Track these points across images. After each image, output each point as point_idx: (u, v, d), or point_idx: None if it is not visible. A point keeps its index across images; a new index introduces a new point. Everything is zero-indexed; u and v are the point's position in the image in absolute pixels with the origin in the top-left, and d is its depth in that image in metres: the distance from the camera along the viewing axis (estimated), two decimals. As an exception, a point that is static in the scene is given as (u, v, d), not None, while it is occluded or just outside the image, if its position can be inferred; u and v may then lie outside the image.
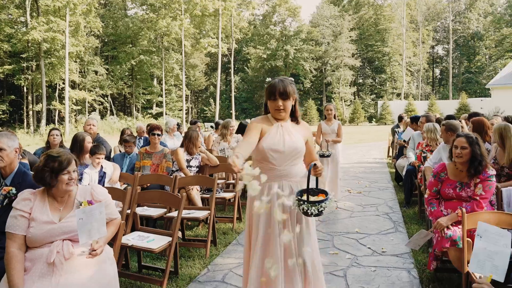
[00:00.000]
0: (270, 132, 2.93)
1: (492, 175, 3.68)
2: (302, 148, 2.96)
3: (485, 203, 3.66)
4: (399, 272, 4.23)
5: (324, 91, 54.57)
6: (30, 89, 39.89)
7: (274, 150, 2.88)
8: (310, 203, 2.65)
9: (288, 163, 2.92)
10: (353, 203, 7.32)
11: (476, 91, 52.31)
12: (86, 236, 2.70)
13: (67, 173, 2.79)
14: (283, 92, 2.89)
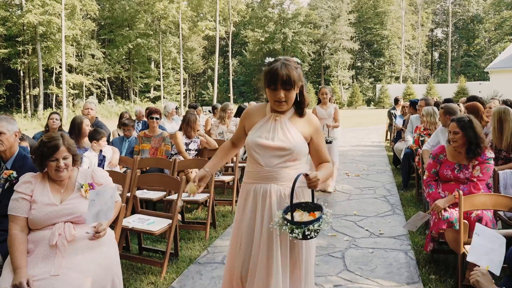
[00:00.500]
0: (260, 123, 2.51)
1: (491, 157, 3.70)
2: (299, 148, 2.44)
3: (482, 185, 3.69)
4: (396, 254, 4.29)
5: (323, 75, 54.37)
6: (26, 73, 39.63)
7: (259, 145, 2.44)
8: (295, 224, 2.18)
9: (279, 164, 2.44)
10: (351, 186, 7.37)
11: (475, 75, 52.20)
12: (93, 218, 2.72)
13: (55, 160, 2.77)
14: (287, 80, 2.32)
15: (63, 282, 2.47)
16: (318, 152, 2.55)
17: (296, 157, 2.45)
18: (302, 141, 2.46)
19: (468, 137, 3.69)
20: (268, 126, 2.48)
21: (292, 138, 2.43)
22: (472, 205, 3.36)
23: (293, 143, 2.42)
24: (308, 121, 2.53)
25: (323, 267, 4.00)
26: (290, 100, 2.41)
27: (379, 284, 3.62)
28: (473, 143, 3.69)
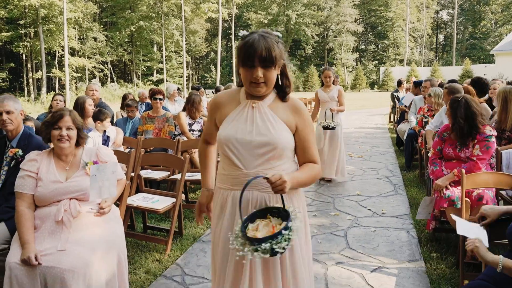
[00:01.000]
0: (233, 114, 2.03)
1: (491, 135, 3.69)
2: (285, 142, 1.97)
3: (482, 163, 3.69)
4: (398, 232, 4.33)
5: (326, 57, 53.93)
6: (29, 56, 39.49)
7: (235, 142, 1.96)
8: (249, 241, 1.75)
9: (261, 164, 1.96)
10: (354, 167, 7.39)
11: (480, 58, 51.68)
12: (96, 193, 2.76)
13: (58, 129, 2.81)
14: (267, 56, 1.88)
15: (69, 256, 2.51)
16: (304, 147, 2.04)
17: (281, 153, 1.97)
18: (287, 132, 1.99)
19: (451, 115, 3.75)
20: (244, 117, 1.99)
21: (275, 129, 1.95)
22: (474, 183, 3.38)
23: (277, 136, 1.94)
24: (293, 107, 2.04)
25: (325, 245, 4.04)
26: (269, 81, 1.93)
27: (381, 262, 3.66)
28: (453, 123, 3.74)
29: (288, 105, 2.05)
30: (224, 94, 2.15)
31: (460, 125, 3.68)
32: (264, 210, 1.92)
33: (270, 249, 1.69)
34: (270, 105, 2.02)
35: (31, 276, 2.48)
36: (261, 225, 1.85)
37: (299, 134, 2.02)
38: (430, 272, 3.43)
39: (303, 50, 52.10)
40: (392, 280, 3.33)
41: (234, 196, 2.00)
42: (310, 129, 2.06)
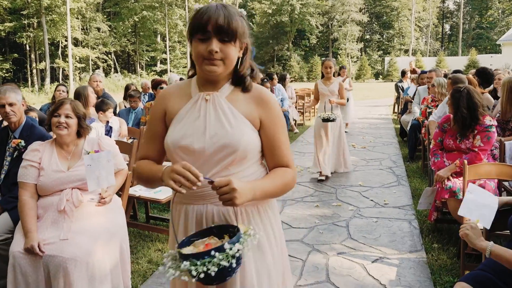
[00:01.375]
0: (183, 111, 1.62)
1: (491, 125, 3.66)
2: (247, 141, 1.56)
3: (484, 154, 3.67)
4: (400, 223, 4.34)
5: (331, 47, 53.63)
6: (32, 47, 39.51)
7: (186, 147, 1.56)
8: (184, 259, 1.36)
9: (217, 172, 1.55)
10: (357, 157, 7.39)
11: (486, 48, 51.23)
12: (94, 184, 2.77)
13: (57, 116, 2.82)
14: (225, 26, 1.49)
15: (71, 246, 2.53)
16: (272, 148, 1.63)
17: (243, 157, 1.57)
18: (251, 129, 1.59)
19: (453, 105, 3.73)
20: (196, 113, 1.59)
21: (233, 127, 1.55)
22: (477, 174, 3.36)
23: (236, 136, 1.54)
24: (257, 98, 1.63)
25: (327, 236, 4.06)
26: (228, 59, 1.53)
27: (382, 252, 3.67)
28: (455, 113, 3.71)
29: (251, 95, 1.63)
30: (173, 87, 1.74)
31: (463, 115, 3.66)
32: (224, 227, 1.53)
33: (189, 270, 1.31)
34: (228, 96, 1.61)
35: (34, 264, 2.51)
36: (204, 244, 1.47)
37: (266, 131, 1.62)
38: (431, 262, 3.43)
39: (308, 40, 51.79)
40: (393, 270, 3.34)
41: (186, 212, 1.62)
42: (280, 124, 1.65)
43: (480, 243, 2.04)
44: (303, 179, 6.05)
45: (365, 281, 3.18)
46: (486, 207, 2.30)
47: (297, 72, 46.50)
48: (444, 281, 3.13)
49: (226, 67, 1.55)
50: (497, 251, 1.96)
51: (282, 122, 1.68)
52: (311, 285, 3.14)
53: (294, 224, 4.36)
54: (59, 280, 2.46)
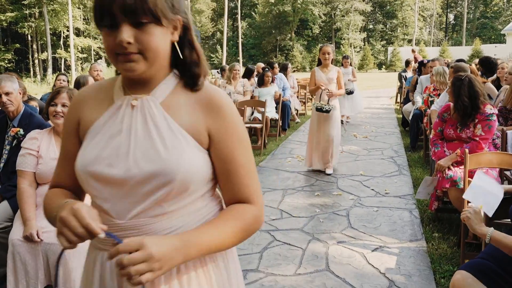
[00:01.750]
0: (100, 123, 1.14)
1: (492, 114, 3.63)
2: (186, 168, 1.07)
3: (485, 143, 3.64)
4: (401, 212, 4.33)
5: (333, 37, 53.29)
6: (34, 37, 39.43)
7: (99, 174, 1.09)
8: None
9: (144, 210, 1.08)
10: (359, 147, 7.37)
11: (490, 37, 50.81)
12: None
13: (54, 105, 2.81)
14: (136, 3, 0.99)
15: (71, 234, 2.53)
16: (228, 173, 1.15)
17: (183, 188, 1.08)
18: (194, 148, 1.10)
19: (453, 93, 3.69)
20: (117, 126, 1.12)
21: (168, 146, 1.07)
22: (478, 163, 3.34)
23: (173, 159, 1.06)
24: (204, 103, 1.14)
25: (327, 224, 4.05)
26: (149, 49, 1.04)
27: (382, 241, 3.67)
28: (456, 101, 3.66)
29: (197, 99, 1.14)
30: (91, 87, 1.25)
31: (464, 103, 3.61)
32: None
33: None
34: (165, 101, 1.13)
35: (33, 252, 2.52)
36: None
37: (218, 151, 1.13)
38: (431, 251, 3.43)
39: (310, 30, 51.48)
40: (392, 259, 3.34)
41: (103, 261, 1.13)
42: (239, 140, 1.15)
43: (481, 228, 2.03)
44: (305, 168, 6.03)
45: (364, 270, 3.18)
46: (492, 195, 2.28)
47: (299, 62, 46.33)
48: (444, 270, 3.12)
49: (149, 62, 1.05)
50: (497, 237, 1.95)
51: (242, 136, 1.16)
52: (310, 274, 3.14)
53: (295, 213, 4.36)
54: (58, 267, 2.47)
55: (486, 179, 2.37)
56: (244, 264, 3.29)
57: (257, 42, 53.82)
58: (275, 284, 3.00)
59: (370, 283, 2.99)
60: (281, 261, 3.35)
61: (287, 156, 6.81)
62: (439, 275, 3.07)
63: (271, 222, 4.13)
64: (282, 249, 3.56)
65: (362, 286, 2.96)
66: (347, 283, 3.01)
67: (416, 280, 3.02)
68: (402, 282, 3.00)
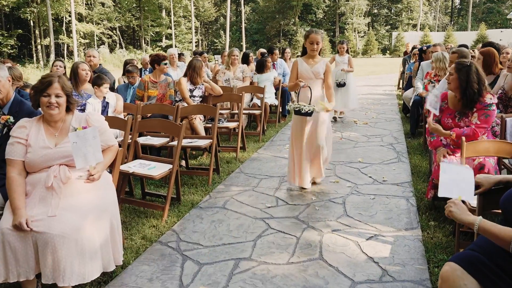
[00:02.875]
0: None
1: (491, 104, 3.55)
2: None
3: (481, 132, 3.58)
4: (398, 200, 4.29)
5: (337, 22, 52.77)
6: (36, 22, 39.23)
7: None
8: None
9: None
10: (358, 133, 7.31)
11: (496, 22, 50.17)
12: (82, 161, 2.74)
13: (47, 96, 2.77)
14: None
15: (60, 222, 2.51)
16: None
17: None
18: None
19: (460, 80, 3.55)
20: None
21: None
22: (475, 151, 3.29)
23: None
24: None
25: (322, 212, 4.03)
26: None
27: (377, 229, 3.64)
28: (466, 88, 3.54)
29: None
30: None
31: (474, 89, 3.52)
32: None
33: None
34: None
35: (23, 241, 2.49)
36: None
37: None
38: (426, 240, 3.39)
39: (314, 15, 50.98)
40: (387, 248, 3.31)
41: None
42: None
43: (467, 217, 1.98)
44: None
45: (358, 259, 3.16)
46: (463, 181, 2.22)
47: (303, 48, 45.95)
48: (438, 259, 3.09)
49: None
50: (485, 226, 1.90)
51: None
52: (303, 263, 3.12)
53: (290, 201, 4.33)
54: (47, 256, 2.45)
55: (451, 167, 2.30)
56: (237, 253, 3.28)
57: (261, 27, 53.40)
58: (267, 273, 2.99)
59: (362, 272, 2.97)
60: (275, 249, 3.33)
61: (286, 142, 6.76)
62: (433, 264, 3.04)
63: (266, 210, 4.11)
64: (276, 237, 3.54)
65: (354, 275, 2.94)
66: (340, 272, 2.98)
67: (410, 269, 2.99)
68: (395, 271, 2.97)
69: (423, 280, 2.85)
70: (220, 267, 3.08)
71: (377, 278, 2.90)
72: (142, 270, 3.07)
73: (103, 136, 2.98)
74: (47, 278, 2.45)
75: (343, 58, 8.50)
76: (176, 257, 3.24)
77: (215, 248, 3.36)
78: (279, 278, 2.91)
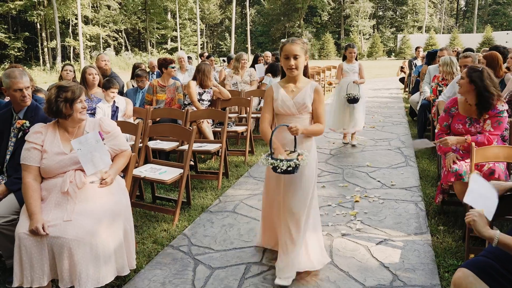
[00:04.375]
0: None
1: (503, 110, 3.57)
2: None
3: (495, 139, 3.60)
4: (407, 205, 4.30)
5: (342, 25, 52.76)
6: (43, 25, 39.50)
7: None
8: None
9: None
10: (366, 137, 7.32)
11: (503, 24, 49.94)
12: (91, 166, 2.78)
13: (80, 102, 2.85)
14: None
15: (75, 227, 2.55)
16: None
17: None
18: None
19: (475, 84, 3.52)
20: None
21: None
22: (484, 157, 3.30)
23: None
24: None
25: (332, 217, 4.05)
26: None
27: (387, 234, 3.66)
28: (480, 93, 3.53)
29: None
30: None
31: (492, 93, 3.48)
32: None
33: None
34: None
35: (39, 245, 2.53)
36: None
37: None
38: (436, 245, 3.41)
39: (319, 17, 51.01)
40: (397, 252, 3.33)
41: None
42: None
43: (488, 231, 2.00)
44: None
45: (368, 263, 3.18)
46: (490, 199, 2.25)
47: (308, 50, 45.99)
48: (448, 264, 3.11)
49: None
50: (504, 240, 1.92)
51: None
52: (314, 267, 3.14)
53: (300, 205, 4.35)
54: (64, 261, 2.49)
55: (482, 182, 2.33)
56: (247, 257, 3.31)
57: (266, 30, 53.48)
58: (278, 277, 3.01)
59: (373, 277, 2.99)
60: (285, 254, 3.35)
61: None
62: (443, 269, 3.05)
63: (276, 214, 4.13)
64: (286, 241, 3.56)
65: (365, 279, 2.96)
66: (351, 276, 3.01)
67: (420, 274, 3.01)
68: (406, 276, 2.99)
69: (434, 286, 2.87)
70: (232, 271, 3.11)
71: (388, 283, 2.92)
72: (155, 274, 3.10)
73: (116, 141, 3.03)
74: (65, 283, 2.49)
75: (353, 67, 6.70)
76: (188, 261, 3.27)
77: (227, 253, 3.39)
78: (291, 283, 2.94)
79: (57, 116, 2.86)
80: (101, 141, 2.86)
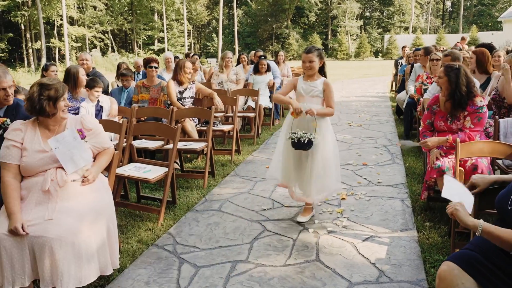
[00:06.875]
0: None
1: (482, 106, 3.59)
2: None
3: (476, 135, 3.62)
4: (393, 202, 4.31)
5: (330, 25, 52.97)
6: (27, 26, 38.98)
7: None
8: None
9: None
10: (352, 135, 7.34)
11: (487, 25, 50.57)
12: (71, 165, 2.73)
13: (63, 100, 2.79)
14: None
15: (57, 226, 2.50)
16: None
17: None
18: None
19: (450, 82, 3.59)
20: None
21: None
22: (469, 152, 3.31)
23: None
24: None
25: (318, 214, 4.03)
26: None
27: (373, 231, 3.66)
28: (454, 90, 3.57)
29: None
30: None
31: (462, 93, 3.55)
32: None
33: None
34: None
35: (19, 246, 2.47)
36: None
37: None
38: (422, 241, 3.42)
39: (307, 18, 51.12)
40: (383, 249, 3.32)
41: None
42: None
43: (471, 220, 2.01)
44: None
45: (354, 260, 3.17)
46: (465, 194, 2.30)
47: (295, 50, 46.09)
48: (434, 260, 3.11)
49: None
50: (488, 229, 1.93)
51: None
52: (300, 264, 3.13)
53: (286, 203, 4.34)
54: (45, 260, 2.43)
55: (456, 182, 2.40)
56: (233, 255, 3.28)
57: (253, 30, 53.44)
58: (264, 275, 2.99)
59: (360, 273, 2.98)
60: (271, 251, 3.33)
61: (280, 145, 6.76)
62: (429, 265, 3.06)
63: (262, 212, 4.11)
64: (272, 239, 3.55)
65: (351, 276, 2.95)
66: (337, 273, 2.99)
67: (406, 269, 3.01)
68: (392, 271, 2.99)
69: (420, 281, 2.87)
70: (217, 269, 3.08)
71: (374, 279, 2.91)
72: (139, 273, 3.05)
73: (98, 138, 2.98)
74: (46, 283, 2.43)
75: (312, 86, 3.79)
76: (173, 260, 3.23)
77: (212, 251, 3.36)
78: (276, 280, 2.92)
79: (40, 114, 2.79)
80: (79, 137, 2.80)
